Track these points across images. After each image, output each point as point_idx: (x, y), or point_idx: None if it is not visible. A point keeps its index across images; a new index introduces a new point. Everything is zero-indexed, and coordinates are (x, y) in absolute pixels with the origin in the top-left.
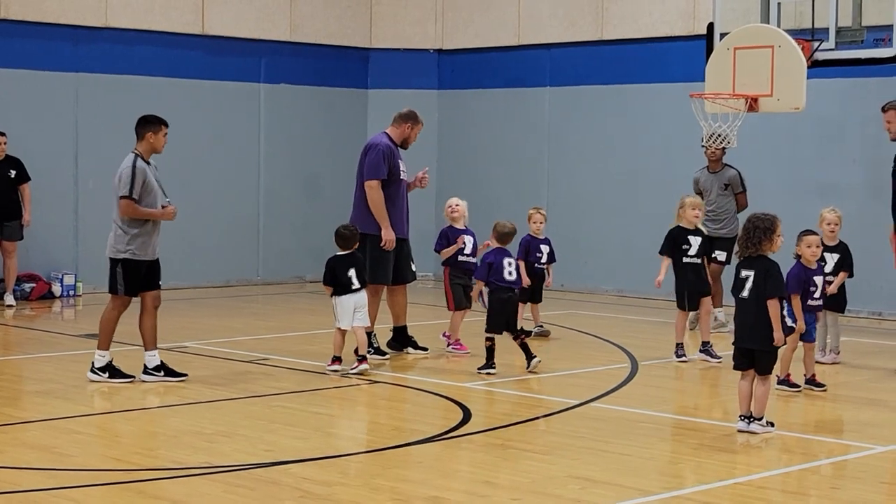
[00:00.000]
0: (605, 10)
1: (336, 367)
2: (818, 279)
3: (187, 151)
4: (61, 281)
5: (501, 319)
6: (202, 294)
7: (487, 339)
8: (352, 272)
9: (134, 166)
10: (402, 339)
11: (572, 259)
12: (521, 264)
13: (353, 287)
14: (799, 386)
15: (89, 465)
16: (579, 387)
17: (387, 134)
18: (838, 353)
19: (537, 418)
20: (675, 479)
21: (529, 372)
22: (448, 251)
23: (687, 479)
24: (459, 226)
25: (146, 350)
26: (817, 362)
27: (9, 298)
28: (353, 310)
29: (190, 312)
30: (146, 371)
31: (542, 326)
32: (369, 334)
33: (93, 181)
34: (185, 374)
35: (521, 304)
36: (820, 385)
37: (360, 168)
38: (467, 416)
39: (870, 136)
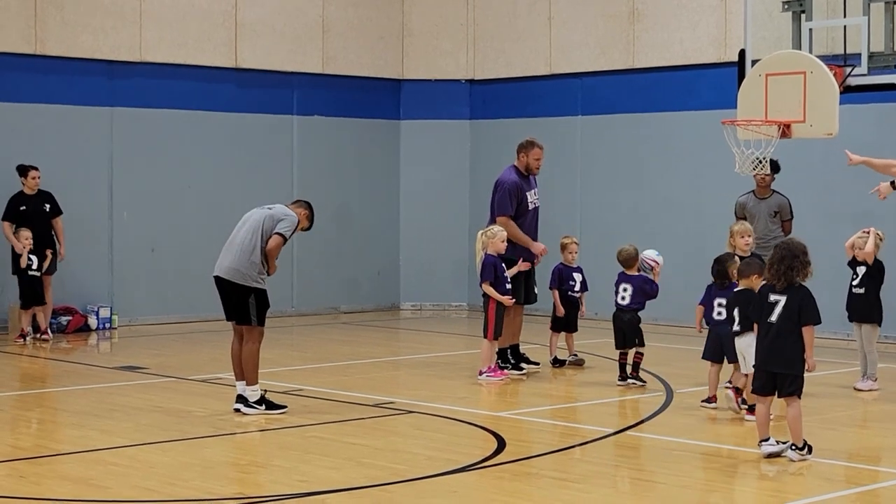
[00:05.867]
0: (636, 38)
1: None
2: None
3: (221, 184)
4: (97, 314)
5: (618, 336)
6: None
7: (620, 355)
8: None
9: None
10: (515, 356)
11: (605, 288)
12: (556, 293)
13: None
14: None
15: (124, 497)
16: (614, 415)
17: (514, 167)
18: (875, 380)
19: (572, 447)
20: None
21: (629, 383)
22: (491, 291)
23: None
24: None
25: (249, 384)
26: (856, 389)
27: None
28: None
29: (224, 343)
30: (247, 405)
31: (576, 356)
32: (517, 346)
33: (127, 214)
34: (285, 406)
35: (555, 333)
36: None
37: (491, 203)
38: (501, 445)
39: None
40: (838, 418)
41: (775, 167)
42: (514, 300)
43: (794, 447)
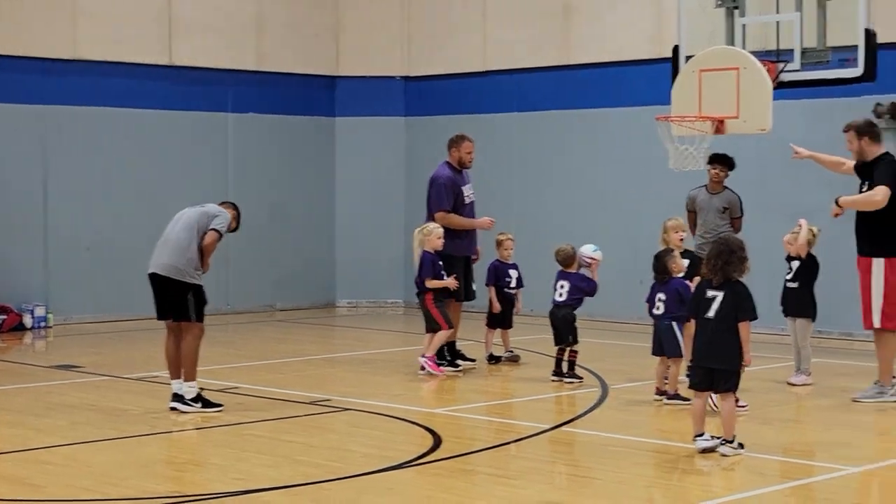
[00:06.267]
0: (571, 34)
1: None
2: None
3: (156, 182)
4: (32, 312)
5: (555, 333)
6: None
7: (558, 351)
8: None
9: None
10: (451, 353)
11: (541, 284)
12: (492, 290)
13: None
14: (690, 399)
15: (59, 496)
16: (550, 411)
17: (448, 163)
18: (809, 374)
19: (508, 443)
20: (646, 502)
21: (563, 378)
22: (435, 283)
23: (658, 502)
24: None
25: (186, 380)
26: (789, 384)
27: None
28: None
29: (159, 341)
30: (184, 402)
31: (512, 352)
32: (453, 343)
33: (62, 212)
34: (221, 405)
35: (491, 330)
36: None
37: (427, 200)
38: (438, 442)
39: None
40: (772, 413)
41: (730, 164)
42: (457, 281)
43: (725, 442)
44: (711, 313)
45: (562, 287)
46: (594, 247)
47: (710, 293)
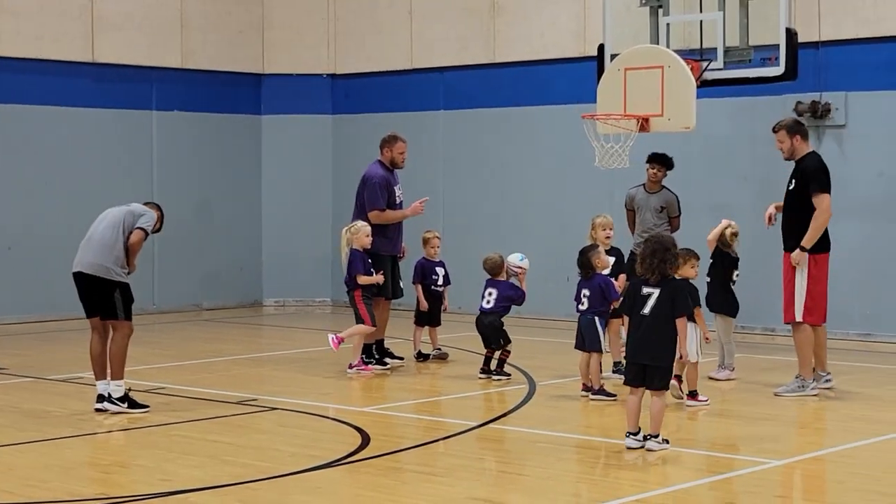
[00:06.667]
0: (497, 32)
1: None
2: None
3: (80, 181)
4: None
5: (483, 339)
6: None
7: (487, 350)
8: None
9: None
10: (379, 351)
11: (468, 282)
12: (419, 288)
13: None
14: (615, 395)
15: None
16: (478, 408)
17: (380, 162)
18: (732, 369)
19: (436, 441)
20: (573, 497)
21: (491, 375)
22: (366, 279)
23: (585, 498)
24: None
25: (114, 379)
26: (712, 379)
27: None
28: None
29: (84, 342)
30: (111, 401)
31: (440, 350)
32: (381, 341)
33: None
34: (147, 406)
35: (419, 328)
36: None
37: (358, 199)
38: (366, 440)
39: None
40: (697, 408)
41: (668, 164)
42: (383, 276)
43: (649, 437)
44: (647, 310)
45: (490, 294)
46: (521, 255)
47: (645, 290)
